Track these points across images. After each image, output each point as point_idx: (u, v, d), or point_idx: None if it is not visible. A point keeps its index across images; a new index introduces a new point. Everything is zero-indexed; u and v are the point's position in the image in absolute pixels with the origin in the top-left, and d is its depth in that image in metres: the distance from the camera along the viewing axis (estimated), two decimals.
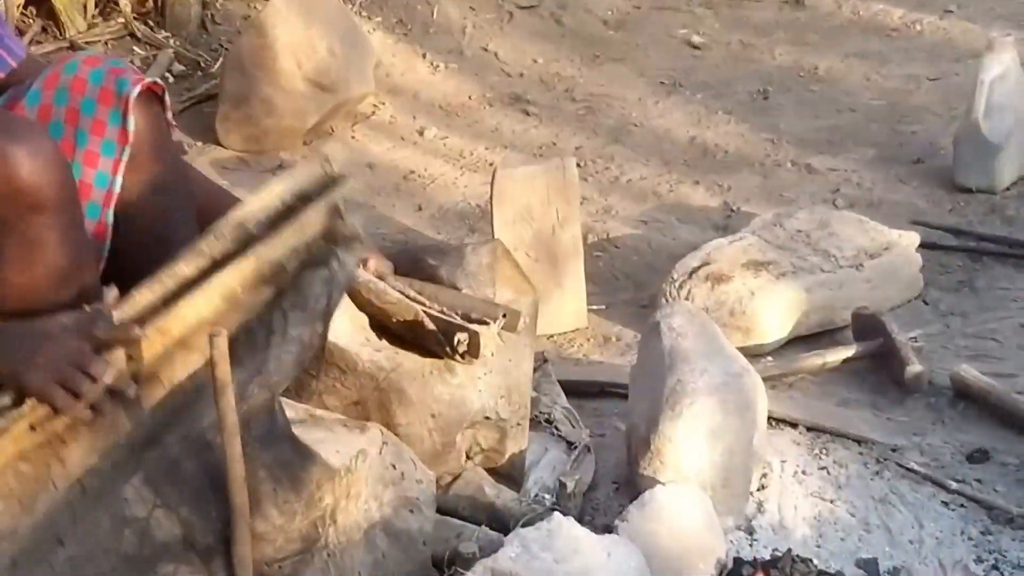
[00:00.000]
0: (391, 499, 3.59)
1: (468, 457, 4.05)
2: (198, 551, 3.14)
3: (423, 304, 3.87)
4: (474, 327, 3.83)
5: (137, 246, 3.72)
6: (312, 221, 3.37)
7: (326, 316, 3.42)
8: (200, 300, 3.16)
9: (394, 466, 3.62)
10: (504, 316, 3.91)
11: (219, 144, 7.06)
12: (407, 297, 3.86)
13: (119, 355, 3.08)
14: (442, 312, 3.86)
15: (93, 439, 3.12)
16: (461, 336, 3.81)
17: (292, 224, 3.35)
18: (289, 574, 3.29)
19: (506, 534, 3.72)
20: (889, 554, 4.05)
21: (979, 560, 4.02)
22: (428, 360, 3.86)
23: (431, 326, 3.82)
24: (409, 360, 3.80)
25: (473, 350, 3.85)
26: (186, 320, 3.13)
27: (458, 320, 3.85)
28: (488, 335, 3.86)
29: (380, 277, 3.87)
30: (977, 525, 4.16)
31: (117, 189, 3.68)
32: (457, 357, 3.86)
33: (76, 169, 3.56)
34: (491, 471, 4.10)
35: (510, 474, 4.14)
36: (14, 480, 3.08)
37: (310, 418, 3.51)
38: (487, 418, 4.00)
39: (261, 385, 3.25)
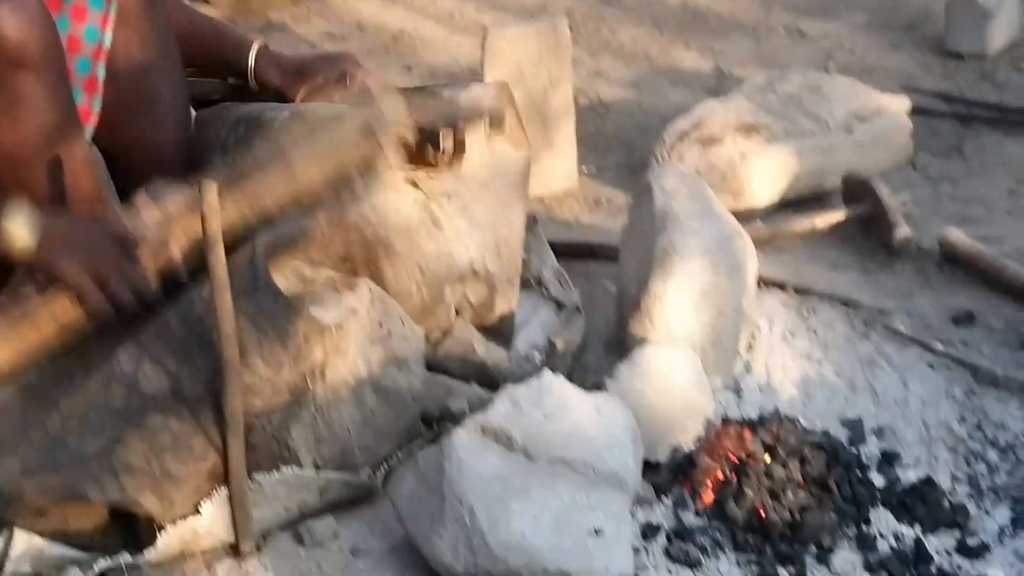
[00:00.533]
0: (379, 357, 3.61)
1: (457, 313, 4.06)
2: (186, 402, 3.18)
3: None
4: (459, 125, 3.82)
5: (125, 103, 3.70)
6: (351, 153, 3.44)
7: (332, 218, 3.45)
8: (231, 208, 3.19)
9: (382, 324, 3.64)
10: (490, 118, 3.90)
11: (207, 2, 6.99)
12: None
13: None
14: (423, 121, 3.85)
15: (104, 327, 3.20)
16: (445, 131, 3.78)
17: (330, 145, 3.43)
18: (278, 426, 3.32)
19: (495, 392, 3.75)
20: (874, 414, 4.09)
21: (963, 420, 4.06)
22: (415, 212, 3.83)
23: (413, 137, 3.80)
24: (395, 214, 3.78)
25: (459, 147, 3.82)
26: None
27: (441, 125, 3.83)
28: (474, 132, 3.84)
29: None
30: (962, 386, 4.20)
31: (107, 44, 3.65)
32: (443, 157, 3.81)
33: (64, 23, 3.54)
34: (481, 328, 4.12)
35: (500, 332, 4.16)
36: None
37: (297, 273, 3.50)
38: (475, 273, 4.00)
39: (246, 245, 3.27)
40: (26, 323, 3.16)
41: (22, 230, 3.19)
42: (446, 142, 3.78)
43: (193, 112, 3.99)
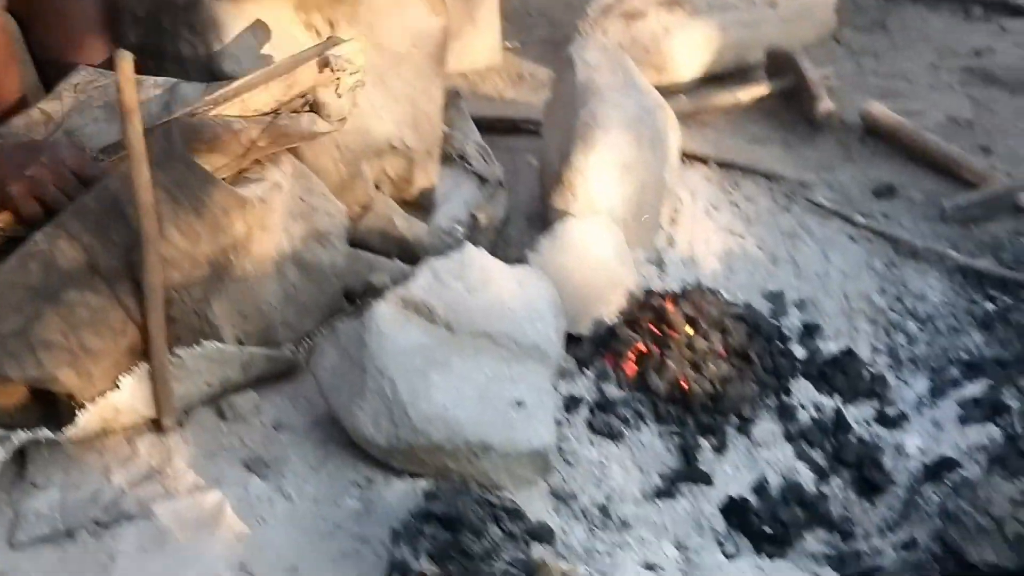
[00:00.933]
0: (302, 232, 3.58)
1: (377, 187, 4.02)
2: (103, 276, 3.13)
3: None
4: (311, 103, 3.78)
5: None
6: (303, 80, 3.40)
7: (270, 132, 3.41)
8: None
9: (304, 199, 3.60)
10: (328, 65, 3.84)
11: None
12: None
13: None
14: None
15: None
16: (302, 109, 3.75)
17: (282, 81, 3.38)
18: (198, 300, 3.29)
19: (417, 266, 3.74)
20: (796, 287, 4.12)
21: (883, 292, 4.10)
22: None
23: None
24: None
25: (325, 115, 3.76)
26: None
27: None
28: (329, 98, 3.78)
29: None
30: (882, 258, 4.24)
31: None
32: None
33: None
34: (402, 203, 4.09)
35: (421, 206, 4.13)
36: None
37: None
38: (393, 147, 3.96)
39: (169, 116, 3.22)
40: None
41: None
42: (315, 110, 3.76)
43: None
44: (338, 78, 3.51)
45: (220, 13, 3.67)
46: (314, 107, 3.53)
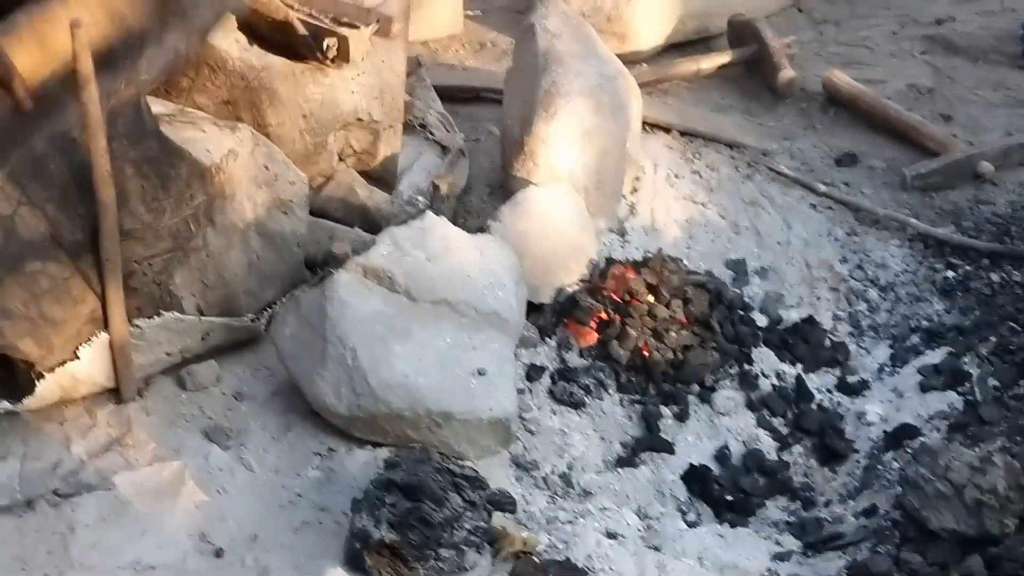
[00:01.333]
0: (264, 200, 3.56)
1: (340, 159, 4.02)
2: (66, 248, 3.11)
3: (292, 6, 3.79)
4: (343, 31, 3.77)
5: None
6: None
7: (205, 31, 3.37)
8: (76, 6, 3.08)
9: (267, 167, 3.59)
10: (377, 22, 3.86)
11: None
12: None
13: None
14: (311, 15, 3.79)
15: None
16: (330, 41, 3.75)
17: None
18: (159, 271, 3.27)
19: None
20: (757, 255, 4.13)
21: (844, 260, 4.11)
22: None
23: (301, 30, 3.75)
24: (280, 60, 3.73)
25: (343, 54, 3.79)
26: (62, 26, 3.03)
27: (327, 24, 3.78)
28: (358, 39, 3.80)
29: None
30: (843, 227, 4.24)
31: None
32: (327, 62, 3.80)
33: None
34: (364, 174, 4.08)
35: (383, 177, 4.12)
36: None
37: (180, 114, 3.43)
38: (359, 120, 3.95)
39: (128, 82, 3.19)
40: None
41: None
42: (329, 52, 3.75)
43: None
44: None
45: None
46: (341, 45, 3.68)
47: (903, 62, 5.28)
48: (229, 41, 3.73)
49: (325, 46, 3.76)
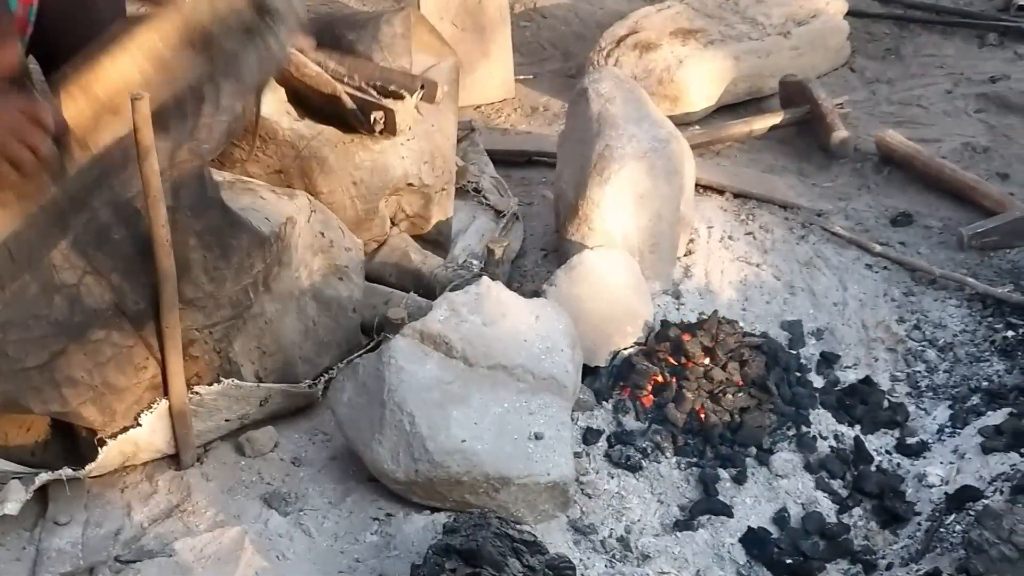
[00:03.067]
0: (320, 267, 3.59)
1: (393, 223, 4.04)
2: (129, 316, 3.14)
3: (341, 79, 3.83)
4: (389, 103, 3.81)
5: (61, 14, 3.63)
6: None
7: (259, 90, 3.40)
8: (124, 59, 3.10)
9: (323, 234, 3.62)
10: (422, 88, 3.89)
11: None
12: (327, 71, 3.82)
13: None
14: (359, 88, 3.83)
15: (19, 205, 3.10)
16: (377, 115, 3.79)
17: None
18: (219, 338, 3.30)
19: (432, 299, 3.74)
20: (813, 316, 4.11)
21: (901, 320, 4.09)
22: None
23: (350, 104, 3.79)
24: (329, 129, 3.77)
25: (389, 127, 3.82)
26: (111, 80, 3.06)
27: (374, 97, 3.82)
28: (405, 110, 3.84)
29: (301, 51, 3.82)
30: (900, 287, 4.22)
31: None
32: (376, 135, 3.84)
33: None
34: (418, 238, 4.11)
35: (437, 240, 4.15)
36: None
37: (238, 182, 3.46)
38: (410, 184, 3.98)
39: (191, 152, 3.22)
40: None
41: None
42: (376, 125, 3.78)
43: None
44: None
45: None
46: (387, 118, 3.70)
47: (957, 121, 5.27)
48: (280, 112, 3.78)
49: (372, 119, 3.80)
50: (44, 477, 3.12)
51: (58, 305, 3.10)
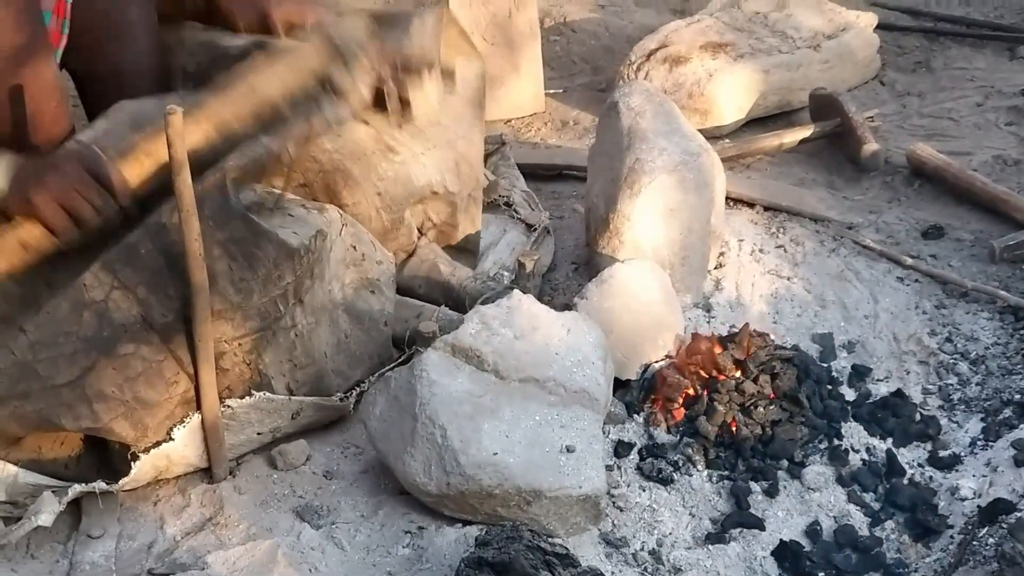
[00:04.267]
0: (352, 280, 3.61)
1: (421, 233, 4.05)
2: (157, 329, 3.16)
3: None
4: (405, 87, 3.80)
5: (95, 27, 3.66)
6: (310, 63, 3.44)
7: (299, 140, 3.43)
8: (193, 129, 3.15)
9: (355, 247, 3.63)
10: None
11: None
12: None
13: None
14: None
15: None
16: (390, 90, 3.75)
17: (290, 63, 3.42)
18: (249, 350, 3.31)
19: (462, 312, 3.75)
20: (844, 329, 4.10)
21: (933, 333, 4.07)
22: (370, 139, 3.80)
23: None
24: (350, 141, 3.76)
25: (405, 104, 3.76)
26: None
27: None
28: (418, 90, 3.80)
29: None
30: (931, 299, 4.21)
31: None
32: (392, 116, 3.81)
33: None
34: (447, 248, 4.11)
35: (466, 248, 4.16)
36: None
37: (268, 197, 3.47)
38: (435, 193, 3.99)
39: (215, 168, 3.24)
40: None
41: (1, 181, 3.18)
42: (391, 102, 3.78)
43: None
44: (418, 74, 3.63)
45: None
46: (403, 105, 3.67)
47: (988, 133, 5.25)
48: None
49: (387, 96, 3.77)
50: (77, 489, 3.14)
51: (87, 321, 3.13)
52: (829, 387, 3.78)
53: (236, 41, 3.71)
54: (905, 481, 3.58)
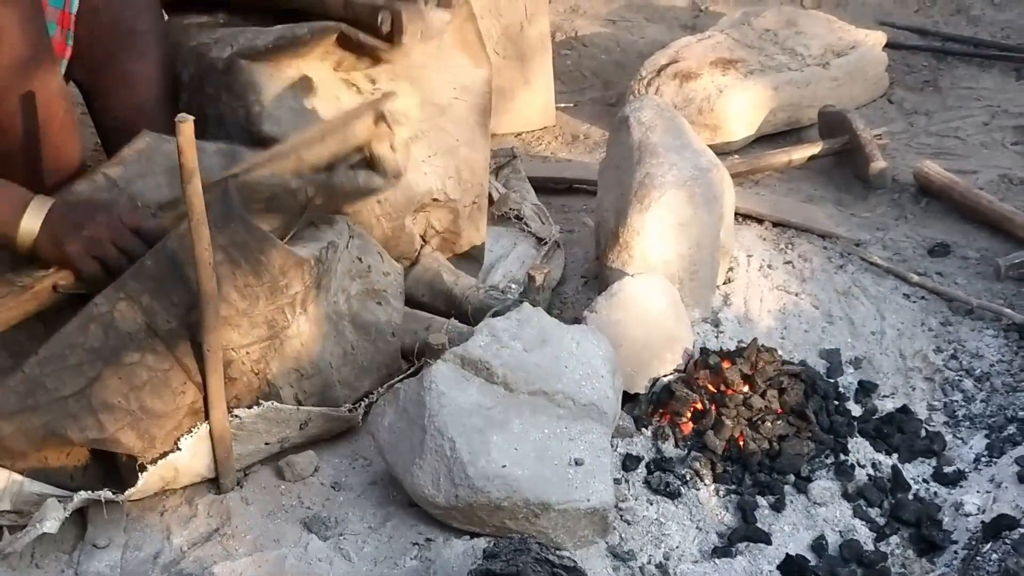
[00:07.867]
0: (358, 291, 3.61)
1: (425, 241, 4.05)
2: (161, 337, 3.16)
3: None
4: (398, 5, 3.82)
5: (101, 37, 3.68)
6: (359, 134, 3.50)
7: (321, 190, 3.45)
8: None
9: (361, 259, 3.64)
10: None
11: None
12: None
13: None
14: None
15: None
16: (384, 15, 3.77)
17: (341, 140, 3.47)
18: (257, 359, 3.31)
19: (467, 322, 3.76)
20: (851, 345, 4.11)
21: (939, 350, 4.08)
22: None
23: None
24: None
25: (397, 28, 3.81)
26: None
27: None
28: (412, 15, 3.83)
29: None
30: (937, 316, 4.22)
31: (73, 10, 3.63)
32: (386, 41, 3.83)
33: None
34: (452, 257, 4.12)
35: (471, 256, 4.17)
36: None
37: None
38: (436, 200, 4.00)
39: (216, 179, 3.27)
40: (29, 296, 3.20)
41: (33, 224, 3.21)
42: (384, 25, 3.78)
43: None
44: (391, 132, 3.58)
45: (258, 75, 3.70)
46: (370, 162, 3.58)
47: (995, 153, 5.27)
48: None
49: (380, 20, 3.79)
50: (83, 496, 3.13)
51: (93, 332, 3.13)
52: (836, 403, 3.79)
53: (222, 53, 3.74)
54: (910, 496, 3.59)
